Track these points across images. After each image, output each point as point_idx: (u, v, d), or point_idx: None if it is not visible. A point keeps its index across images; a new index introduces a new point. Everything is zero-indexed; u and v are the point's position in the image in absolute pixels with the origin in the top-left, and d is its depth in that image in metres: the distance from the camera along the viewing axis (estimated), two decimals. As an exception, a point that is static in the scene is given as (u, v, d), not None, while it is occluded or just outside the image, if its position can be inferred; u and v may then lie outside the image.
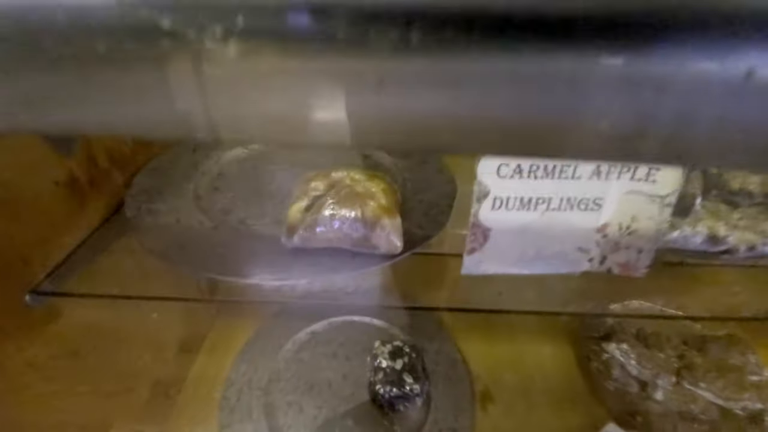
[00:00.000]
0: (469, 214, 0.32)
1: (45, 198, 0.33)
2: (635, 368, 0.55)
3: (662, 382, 0.53)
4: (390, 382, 0.54)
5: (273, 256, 0.34)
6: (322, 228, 0.33)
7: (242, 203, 0.43)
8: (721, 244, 0.35)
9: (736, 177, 0.41)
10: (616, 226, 0.34)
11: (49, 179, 0.33)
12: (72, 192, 0.35)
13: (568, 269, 0.36)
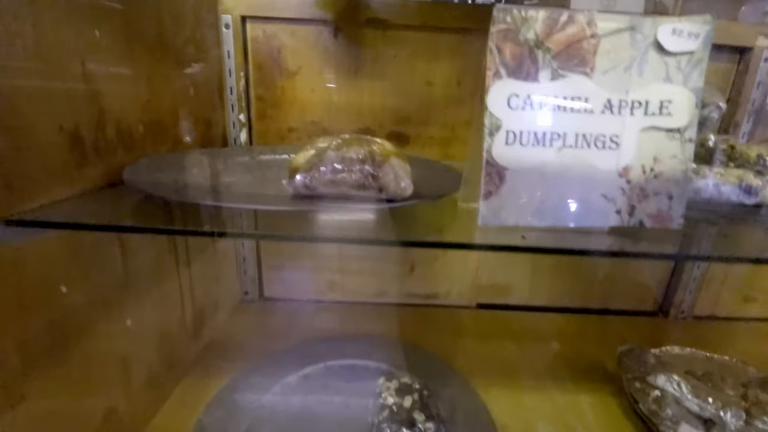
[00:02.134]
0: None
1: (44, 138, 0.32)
2: (695, 403, 0.45)
3: (731, 418, 0.43)
4: (398, 421, 0.44)
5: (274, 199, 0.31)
6: (327, 168, 0.31)
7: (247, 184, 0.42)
8: (755, 195, 0.33)
9: (751, 147, 0.40)
10: (639, 168, 0.32)
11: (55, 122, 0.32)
12: (73, 146, 0.34)
13: (594, 222, 0.32)
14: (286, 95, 0.64)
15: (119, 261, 0.41)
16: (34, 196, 0.31)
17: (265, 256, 0.74)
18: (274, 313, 0.72)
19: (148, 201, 0.36)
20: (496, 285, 0.77)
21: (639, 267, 0.76)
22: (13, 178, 0.29)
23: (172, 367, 0.52)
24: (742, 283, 0.76)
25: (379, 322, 0.70)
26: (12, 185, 0.29)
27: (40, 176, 0.32)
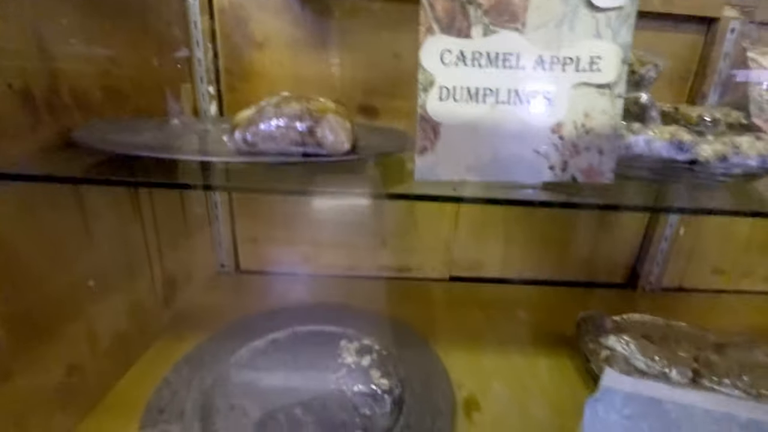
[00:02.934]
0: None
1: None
2: (642, 361, 0.47)
3: (677, 375, 0.45)
4: (355, 378, 0.45)
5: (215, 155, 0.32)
6: (266, 124, 0.31)
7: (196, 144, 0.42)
8: (687, 151, 0.34)
9: (694, 109, 0.41)
10: (571, 124, 0.33)
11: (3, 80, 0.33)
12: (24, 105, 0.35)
13: (528, 177, 0.33)
14: (255, 67, 0.64)
15: (80, 224, 0.42)
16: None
17: (240, 229, 0.75)
18: (248, 285, 0.74)
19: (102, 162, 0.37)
20: (468, 258, 0.78)
21: (609, 240, 0.77)
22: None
23: (142, 331, 0.54)
24: (709, 256, 0.77)
25: (352, 294, 0.71)
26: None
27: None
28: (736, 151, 0.34)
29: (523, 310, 0.69)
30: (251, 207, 0.74)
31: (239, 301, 0.67)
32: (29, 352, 0.37)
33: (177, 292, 0.62)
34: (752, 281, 0.79)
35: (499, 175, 0.33)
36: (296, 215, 0.74)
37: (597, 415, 0.32)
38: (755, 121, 0.37)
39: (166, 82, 0.56)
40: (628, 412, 0.31)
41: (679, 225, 0.74)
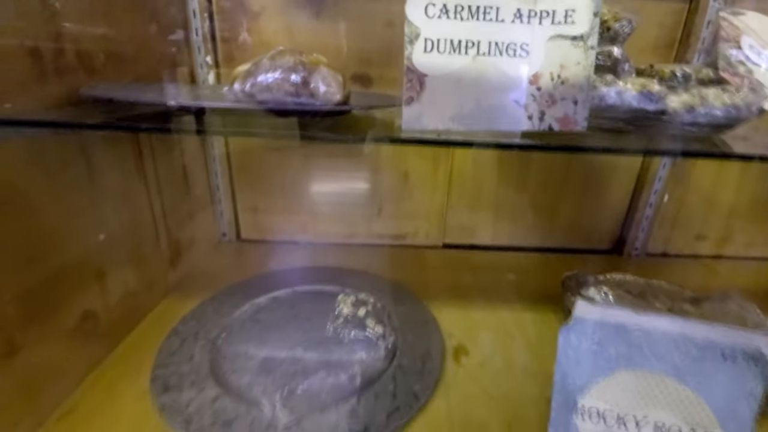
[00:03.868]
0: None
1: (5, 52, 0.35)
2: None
3: (650, 320, 0.48)
4: (351, 325, 0.49)
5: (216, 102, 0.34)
6: (262, 76, 0.34)
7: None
8: (657, 101, 0.36)
9: (668, 66, 0.43)
10: (548, 76, 0.35)
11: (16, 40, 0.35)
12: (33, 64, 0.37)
13: (508, 126, 0.36)
14: (251, 37, 0.66)
15: (87, 180, 0.45)
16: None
17: (240, 199, 0.77)
18: (249, 252, 0.77)
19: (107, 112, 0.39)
20: (461, 226, 0.81)
21: (596, 208, 0.80)
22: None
23: (150, 288, 0.57)
24: (693, 223, 0.80)
25: (350, 260, 0.74)
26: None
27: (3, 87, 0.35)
28: (703, 102, 0.37)
29: (512, 273, 0.73)
30: (250, 177, 0.76)
31: (241, 266, 0.70)
32: (47, 297, 0.40)
33: (182, 256, 0.65)
34: (734, 247, 0.82)
35: (481, 124, 0.36)
36: (294, 185, 0.77)
37: (570, 342, 0.35)
38: (723, 74, 0.39)
39: (165, 50, 0.58)
40: (597, 338, 0.34)
41: (663, 192, 0.77)
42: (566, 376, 0.35)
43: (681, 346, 0.32)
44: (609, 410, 0.34)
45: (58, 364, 0.42)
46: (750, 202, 0.79)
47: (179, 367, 0.44)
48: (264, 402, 0.38)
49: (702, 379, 0.32)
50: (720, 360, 0.31)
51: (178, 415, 0.38)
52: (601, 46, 0.39)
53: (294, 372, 0.39)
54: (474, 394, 0.45)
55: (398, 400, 0.41)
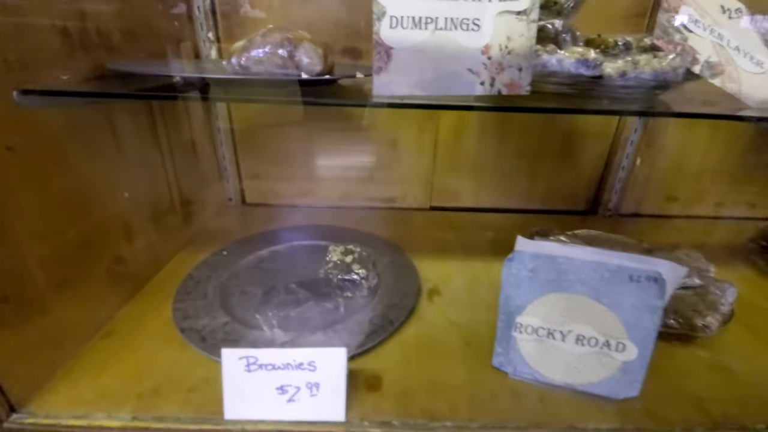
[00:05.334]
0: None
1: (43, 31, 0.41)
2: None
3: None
4: (339, 269, 0.57)
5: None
6: (255, 51, 0.40)
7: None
8: (593, 68, 0.42)
9: (613, 36, 0.48)
10: (497, 47, 0.41)
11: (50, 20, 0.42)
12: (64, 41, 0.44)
13: (464, 91, 0.42)
14: (248, 13, 0.72)
15: (112, 144, 0.52)
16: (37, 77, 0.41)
17: (244, 166, 0.85)
18: (254, 214, 0.85)
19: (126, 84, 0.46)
20: (446, 189, 0.88)
21: (572, 171, 0.86)
22: (19, 61, 0.39)
23: (167, 241, 0.65)
24: (663, 185, 0.86)
25: (344, 221, 0.81)
26: (24, 65, 0.39)
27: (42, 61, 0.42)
28: (635, 67, 0.42)
29: (491, 231, 0.80)
30: (253, 148, 0.83)
31: (245, 226, 0.78)
32: (88, 243, 0.48)
33: (193, 216, 0.73)
34: (702, 207, 0.88)
35: (441, 90, 0.42)
36: (293, 155, 0.84)
37: (511, 271, 0.42)
38: (656, 42, 0.45)
39: (170, 27, 0.64)
40: (531, 266, 0.42)
41: (635, 156, 0.82)
42: (508, 299, 0.43)
43: (597, 272, 0.39)
44: (541, 326, 0.42)
45: (98, 297, 0.51)
46: (718, 164, 0.84)
47: (195, 302, 0.53)
48: (264, 326, 0.47)
49: (614, 298, 0.39)
50: (628, 281, 0.39)
51: (196, 335, 0.47)
52: (548, 19, 0.44)
53: (288, 302, 0.48)
54: (441, 322, 0.53)
55: (375, 326, 0.50)
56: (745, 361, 0.48)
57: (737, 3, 0.47)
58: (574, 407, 0.41)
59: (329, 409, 0.39)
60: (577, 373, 0.42)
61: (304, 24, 0.72)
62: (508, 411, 0.41)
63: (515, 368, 0.44)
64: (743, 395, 0.44)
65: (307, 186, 0.87)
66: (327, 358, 0.39)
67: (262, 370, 0.39)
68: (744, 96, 0.46)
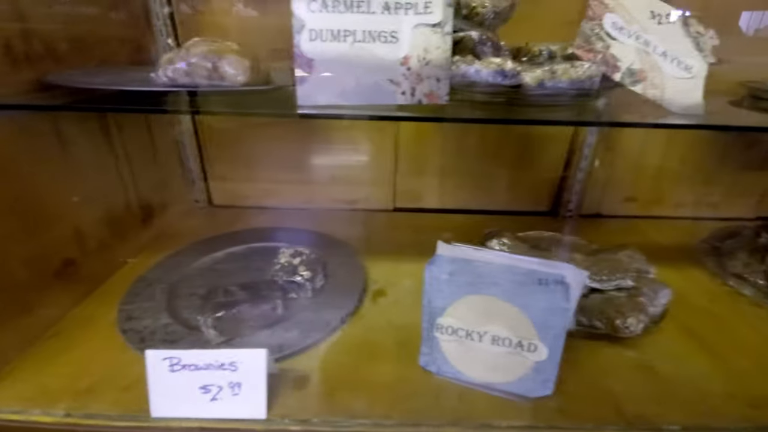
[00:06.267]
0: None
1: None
2: (512, 256, 0.59)
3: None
4: (285, 271, 0.58)
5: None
6: (181, 63, 0.42)
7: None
8: (511, 77, 0.43)
9: (538, 45, 0.49)
10: (415, 57, 0.42)
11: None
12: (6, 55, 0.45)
13: (386, 101, 0.43)
14: (206, 18, 0.73)
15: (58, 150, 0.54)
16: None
17: (209, 168, 0.86)
18: (219, 216, 0.86)
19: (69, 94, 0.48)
20: (409, 191, 0.89)
21: (533, 173, 0.87)
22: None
23: (124, 243, 0.67)
24: (623, 186, 0.87)
25: (308, 222, 0.83)
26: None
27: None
28: (552, 76, 0.44)
29: (450, 233, 0.81)
30: (218, 150, 0.85)
31: (209, 228, 0.79)
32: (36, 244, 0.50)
33: (154, 218, 0.75)
34: (662, 208, 0.89)
35: (363, 99, 0.43)
36: (257, 157, 0.85)
37: (432, 274, 0.44)
38: (575, 51, 0.46)
39: (127, 34, 0.66)
40: (450, 270, 0.43)
41: (593, 158, 0.83)
42: (430, 301, 0.44)
43: (510, 275, 0.41)
44: (460, 327, 0.44)
45: (47, 298, 0.52)
46: (677, 166, 0.85)
47: (141, 303, 0.55)
48: (202, 327, 0.49)
49: (525, 300, 0.41)
50: (537, 284, 0.40)
51: (136, 336, 0.49)
52: (469, 29, 0.46)
53: (225, 304, 0.49)
54: (380, 324, 0.54)
55: (313, 327, 0.51)
56: (670, 361, 0.50)
57: (668, 7, 0.48)
58: (491, 405, 0.43)
59: (251, 407, 0.41)
60: (494, 372, 0.44)
61: (259, 27, 0.73)
62: (428, 409, 0.43)
63: (439, 368, 0.46)
64: (662, 396, 0.45)
65: (272, 188, 0.88)
66: (247, 358, 0.40)
67: (185, 370, 0.40)
68: (666, 102, 0.47)
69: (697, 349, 0.52)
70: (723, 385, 0.47)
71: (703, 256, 0.72)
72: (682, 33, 0.48)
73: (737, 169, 0.86)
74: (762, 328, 0.56)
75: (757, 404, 0.44)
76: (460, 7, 0.45)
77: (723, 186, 0.87)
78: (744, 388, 0.46)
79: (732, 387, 0.46)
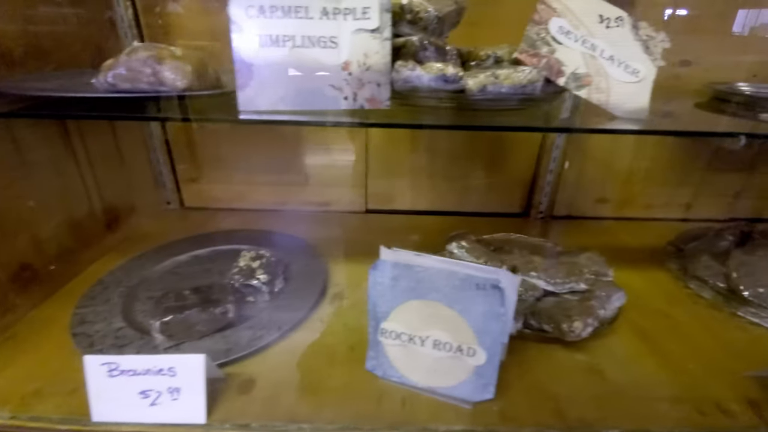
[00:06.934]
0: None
1: None
2: (468, 259, 0.59)
3: (491, 268, 0.57)
4: (243, 275, 0.58)
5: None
6: (121, 69, 0.42)
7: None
8: (453, 82, 0.43)
9: (484, 49, 0.49)
10: (356, 63, 0.42)
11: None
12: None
13: (329, 106, 0.43)
14: (172, 21, 0.73)
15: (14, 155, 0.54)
16: None
17: (180, 171, 0.86)
18: (191, 218, 0.86)
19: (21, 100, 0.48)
20: (381, 193, 0.89)
21: (505, 174, 0.87)
22: None
23: (88, 247, 0.67)
24: (594, 187, 0.87)
25: (279, 224, 0.83)
26: None
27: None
28: (495, 81, 0.44)
29: (419, 235, 0.81)
30: (188, 152, 0.85)
31: (179, 231, 0.79)
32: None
33: (121, 221, 0.75)
34: (633, 209, 0.89)
35: (305, 104, 0.43)
36: (229, 159, 0.85)
37: (376, 279, 0.44)
38: (518, 56, 0.46)
39: (90, 37, 0.66)
40: (392, 275, 0.43)
41: (562, 159, 0.83)
42: (375, 306, 0.45)
43: (449, 280, 0.41)
44: (403, 331, 0.44)
45: (3, 301, 0.53)
46: (647, 167, 0.85)
47: (96, 307, 0.55)
48: (152, 331, 0.49)
49: (464, 305, 0.41)
50: (475, 289, 0.40)
51: (86, 340, 0.49)
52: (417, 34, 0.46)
53: (175, 308, 0.49)
54: (335, 327, 0.55)
55: (265, 331, 0.51)
56: (619, 365, 0.50)
57: (618, 11, 0.48)
58: (433, 409, 0.43)
59: (190, 412, 0.41)
60: (437, 376, 0.44)
61: (224, 29, 0.73)
62: (369, 413, 0.43)
63: (385, 371, 0.46)
64: (606, 400, 0.45)
65: (245, 190, 0.88)
66: (186, 364, 0.40)
67: (123, 375, 0.41)
68: (611, 106, 0.47)
69: (648, 353, 0.52)
70: (669, 389, 0.47)
71: (667, 258, 0.72)
72: (631, 37, 0.48)
73: (708, 170, 0.86)
74: (717, 332, 0.56)
75: (704, 410, 0.44)
76: (403, 11, 0.45)
77: (694, 187, 0.87)
78: (691, 393, 0.46)
79: (679, 391, 0.46)
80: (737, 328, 0.57)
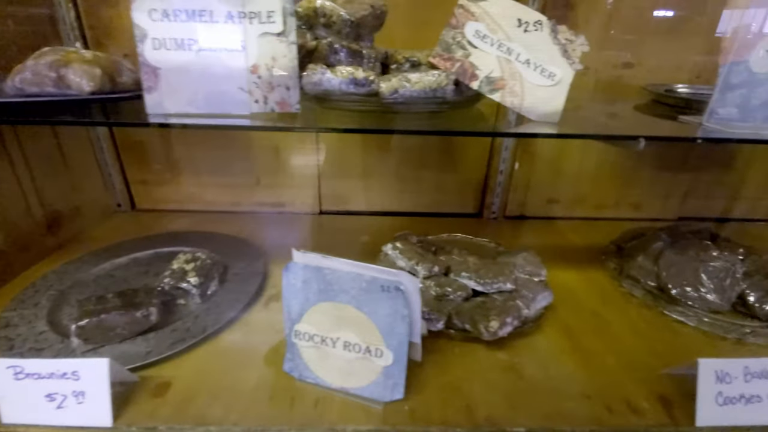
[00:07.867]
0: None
1: None
2: (401, 261, 0.60)
3: (421, 269, 0.57)
4: (174, 277, 0.58)
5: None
6: (29, 73, 0.41)
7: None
8: (365, 86, 0.43)
9: (403, 52, 0.50)
10: (264, 66, 0.42)
11: None
12: None
13: (240, 110, 0.44)
14: (114, 23, 0.72)
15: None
16: None
17: (129, 172, 0.86)
18: (141, 220, 0.86)
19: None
20: (335, 194, 0.89)
21: (459, 175, 0.88)
22: None
23: (25, 251, 0.66)
24: (544, 188, 0.88)
25: (230, 226, 0.83)
26: None
27: None
28: (405, 85, 0.44)
29: (370, 236, 0.81)
30: (137, 153, 0.84)
31: (127, 233, 0.79)
32: None
33: (63, 224, 0.74)
34: (583, 208, 0.90)
35: (214, 108, 0.44)
36: (179, 160, 0.85)
37: (288, 281, 0.44)
38: (431, 59, 0.46)
39: (28, 41, 0.65)
40: (303, 277, 0.43)
41: (512, 160, 0.84)
42: (289, 308, 0.45)
43: (357, 282, 0.41)
44: (315, 333, 0.44)
45: None
46: (595, 168, 0.87)
47: (23, 311, 0.55)
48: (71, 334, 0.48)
49: (371, 307, 0.41)
50: (380, 291, 0.41)
51: (6, 343, 0.49)
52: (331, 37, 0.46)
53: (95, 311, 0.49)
54: (262, 328, 0.55)
55: (188, 334, 0.51)
56: (538, 364, 0.50)
57: (538, 15, 0.49)
58: (344, 410, 0.43)
59: (95, 415, 0.41)
60: (348, 377, 0.44)
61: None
62: (280, 415, 0.43)
63: (301, 373, 0.46)
64: (518, 398, 0.46)
65: (196, 191, 0.88)
66: (89, 368, 0.40)
67: (29, 378, 0.40)
68: (525, 110, 0.48)
69: (570, 352, 0.53)
70: (583, 388, 0.47)
71: (607, 257, 0.73)
72: (549, 40, 0.49)
73: (656, 170, 0.87)
74: (642, 330, 0.57)
75: (613, 407, 0.45)
76: (317, 15, 0.45)
77: (642, 187, 0.89)
78: (604, 391, 0.47)
79: (592, 389, 0.47)
80: (663, 326, 0.58)
